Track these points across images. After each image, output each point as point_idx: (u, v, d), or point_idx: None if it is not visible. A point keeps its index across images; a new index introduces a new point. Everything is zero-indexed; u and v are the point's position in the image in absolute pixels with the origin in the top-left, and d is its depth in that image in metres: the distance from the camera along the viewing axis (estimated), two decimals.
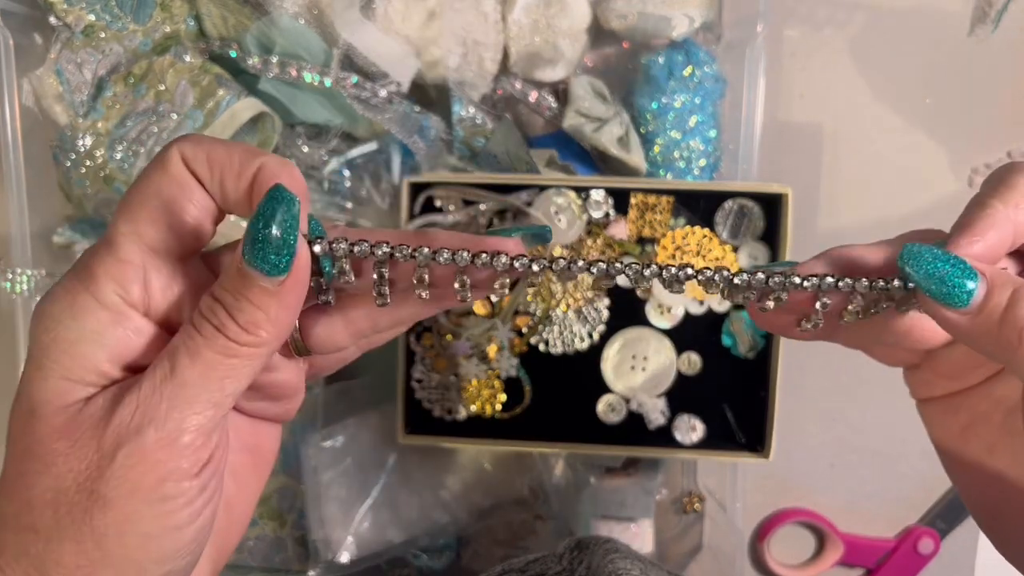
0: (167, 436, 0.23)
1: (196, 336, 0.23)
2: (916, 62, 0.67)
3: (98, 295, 0.24)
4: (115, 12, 0.61)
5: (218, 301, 0.24)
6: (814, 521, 0.70)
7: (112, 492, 0.23)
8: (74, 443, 0.23)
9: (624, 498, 0.67)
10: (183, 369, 0.23)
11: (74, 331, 0.24)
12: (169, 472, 0.23)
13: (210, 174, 0.25)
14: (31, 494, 0.23)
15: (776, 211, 0.60)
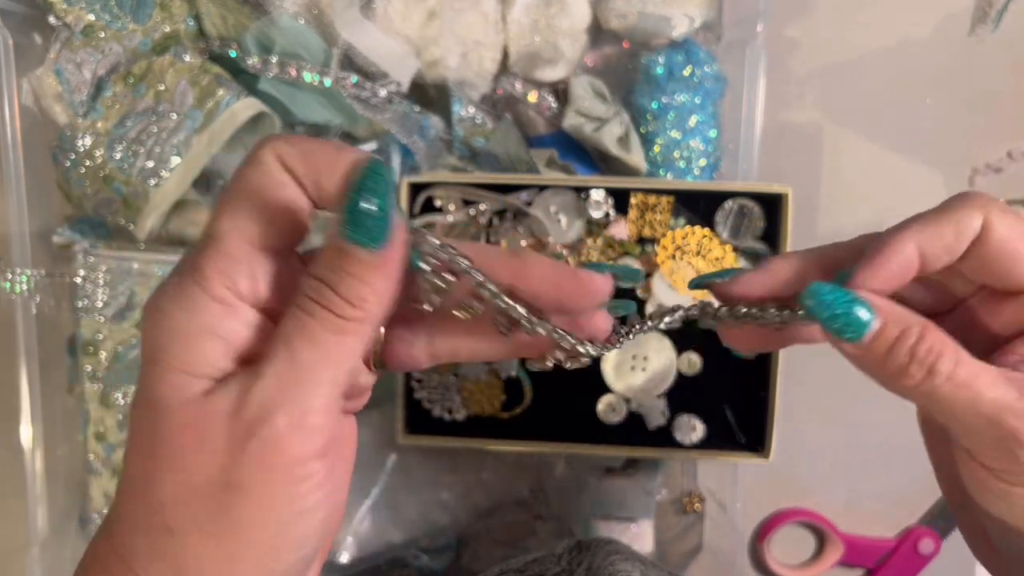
0: (296, 420, 0.23)
1: (306, 318, 0.24)
2: (916, 62, 0.67)
3: (208, 289, 0.24)
4: (115, 12, 0.61)
5: (320, 280, 0.24)
6: (814, 521, 0.70)
7: (248, 480, 0.23)
8: (202, 437, 0.23)
9: (624, 498, 0.67)
10: (300, 353, 0.24)
11: (188, 326, 0.24)
12: (300, 455, 0.24)
13: (305, 170, 0.25)
14: (162, 493, 0.24)
15: (776, 211, 0.60)
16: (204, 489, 0.23)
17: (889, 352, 0.28)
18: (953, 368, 0.27)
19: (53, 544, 0.62)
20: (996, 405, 0.27)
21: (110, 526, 0.25)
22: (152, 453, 0.24)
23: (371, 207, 0.23)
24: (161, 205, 0.60)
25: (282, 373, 0.24)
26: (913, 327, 0.28)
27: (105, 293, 0.60)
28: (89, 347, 0.61)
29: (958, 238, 0.29)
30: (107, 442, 0.62)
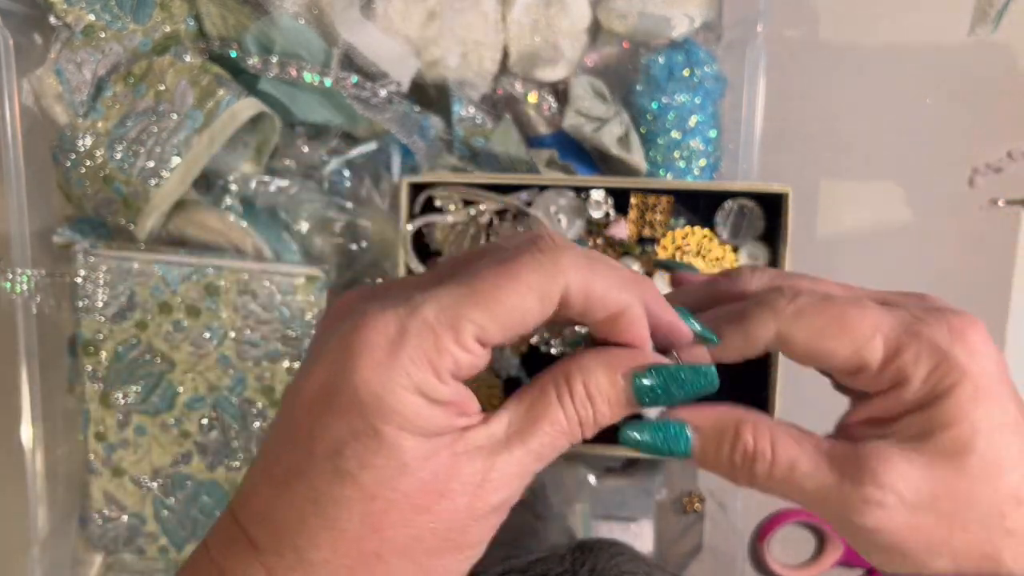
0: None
1: (560, 420, 0.28)
2: (916, 62, 0.67)
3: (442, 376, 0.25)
4: (115, 12, 0.61)
5: (591, 401, 0.28)
6: (814, 521, 0.70)
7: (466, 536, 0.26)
8: (442, 495, 0.25)
9: (624, 498, 0.67)
10: (532, 439, 0.27)
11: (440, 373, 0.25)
12: (501, 502, 0.27)
13: (581, 307, 0.26)
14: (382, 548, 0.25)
15: (776, 211, 0.60)
16: (429, 541, 0.25)
17: (714, 460, 0.30)
18: (768, 467, 0.29)
19: (53, 544, 0.62)
20: (817, 493, 0.28)
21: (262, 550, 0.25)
22: (386, 510, 0.24)
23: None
24: (161, 205, 0.60)
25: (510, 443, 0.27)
26: (726, 433, 0.30)
27: (105, 293, 0.60)
28: (89, 347, 0.61)
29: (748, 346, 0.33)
30: (107, 442, 0.62)
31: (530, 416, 0.27)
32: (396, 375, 0.24)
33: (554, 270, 0.25)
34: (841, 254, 0.69)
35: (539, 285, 0.25)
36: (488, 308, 0.24)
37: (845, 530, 0.28)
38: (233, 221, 0.62)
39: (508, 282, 0.25)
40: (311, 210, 0.64)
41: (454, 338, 0.24)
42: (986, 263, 0.69)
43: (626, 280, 0.27)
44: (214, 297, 0.60)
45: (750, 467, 0.29)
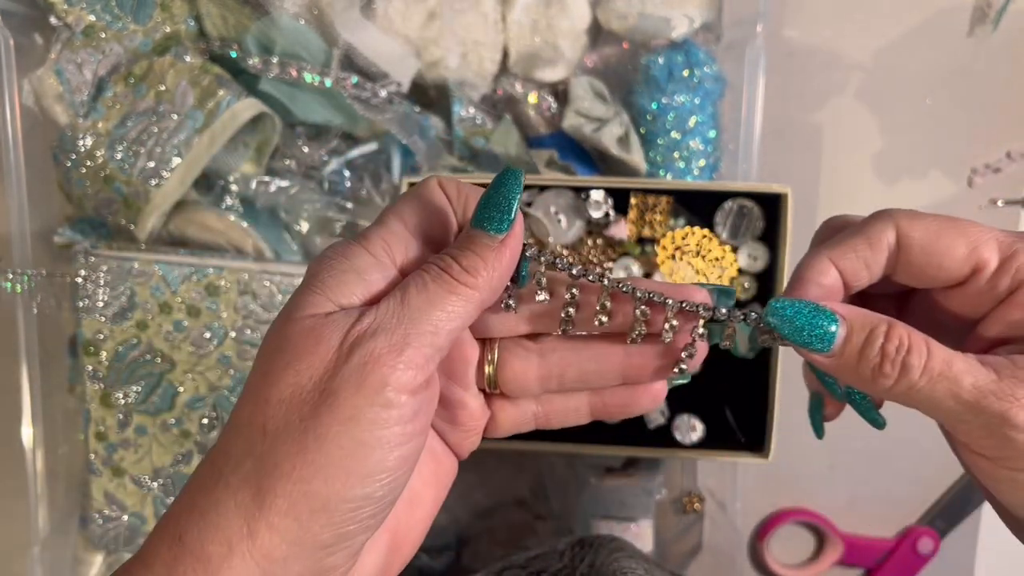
0: (394, 345, 0.26)
1: (424, 275, 0.28)
2: (916, 62, 0.67)
3: (368, 247, 0.29)
4: (115, 12, 0.61)
5: (446, 253, 0.29)
6: (814, 521, 0.70)
7: (341, 388, 0.26)
8: (317, 341, 0.26)
9: (624, 498, 0.67)
10: (411, 297, 0.27)
11: (342, 265, 0.28)
12: (391, 380, 0.26)
13: (456, 195, 0.31)
14: (270, 392, 0.26)
15: (776, 211, 0.60)
16: (307, 391, 0.26)
17: (860, 356, 0.29)
18: (925, 361, 0.28)
19: (54, 544, 0.63)
20: (976, 390, 0.27)
21: (216, 441, 0.27)
22: (275, 353, 0.27)
23: (502, 198, 0.28)
24: (162, 205, 0.60)
25: (393, 308, 0.27)
26: (879, 327, 0.28)
27: (106, 293, 0.60)
28: (90, 347, 0.61)
29: (874, 253, 0.31)
30: (108, 442, 0.62)
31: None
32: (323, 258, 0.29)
33: (428, 179, 0.31)
34: None
35: (419, 186, 0.31)
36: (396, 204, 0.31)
37: (996, 441, 0.28)
38: (233, 221, 0.62)
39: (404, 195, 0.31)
40: (311, 210, 0.64)
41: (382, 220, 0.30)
42: None
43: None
44: (214, 297, 0.61)
45: (905, 360, 0.28)
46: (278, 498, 0.25)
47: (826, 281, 0.31)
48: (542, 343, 0.32)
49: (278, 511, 0.25)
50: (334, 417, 0.25)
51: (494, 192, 0.29)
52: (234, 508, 0.25)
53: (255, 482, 0.25)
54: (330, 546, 0.26)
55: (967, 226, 0.30)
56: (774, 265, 0.60)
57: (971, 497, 0.69)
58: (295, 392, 0.26)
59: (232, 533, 0.25)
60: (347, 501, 0.26)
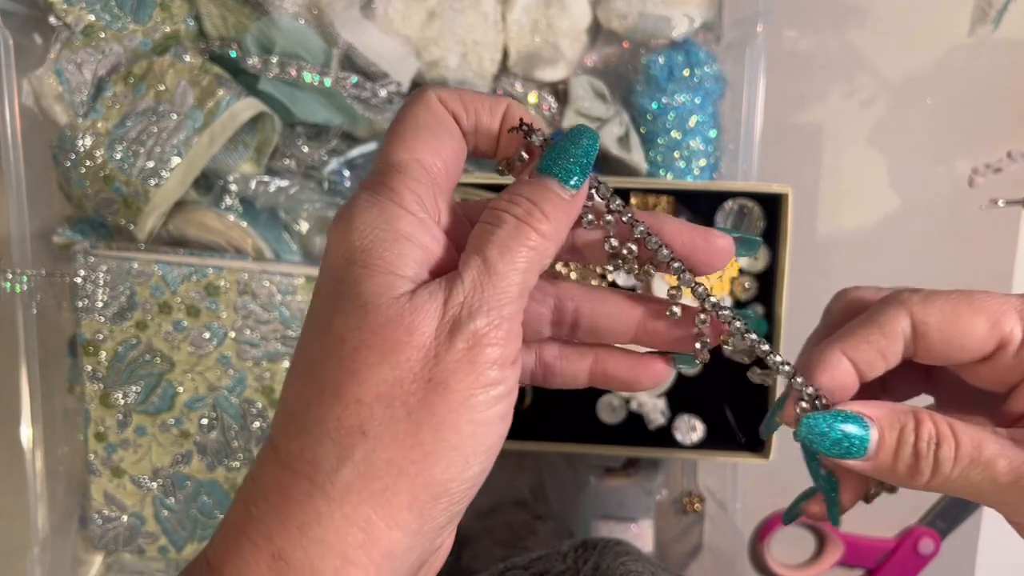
0: (494, 321, 0.25)
1: (498, 230, 0.26)
2: (916, 62, 0.67)
3: (403, 204, 0.26)
4: (115, 12, 0.61)
5: (522, 195, 0.26)
6: (814, 522, 0.70)
7: (451, 376, 0.24)
8: (412, 331, 0.24)
9: (624, 498, 0.67)
10: (494, 262, 0.25)
11: (391, 233, 0.25)
12: (498, 357, 0.25)
13: (465, 113, 0.28)
14: (361, 391, 0.24)
15: (776, 211, 0.60)
16: (407, 384, 0.24)
17: (896, 457, 0.28)
18: (955, 451, 0.27)
19: (53, 544, 0.62)
20: (1012, 472, 0.27)
21: (279, 446, 0.25)
22: (361, 349, 0.24)
23: (580, 154, 0.27)
24: (162, 205, 0.60)
25: (479, 278, 0.25)
26: (908, 423, 0.28)
27: (105, 293, 0.60)
28: (89, 347, 0.61)
29: (888, 342, 0.30)
30: (108, 442, 0.62)
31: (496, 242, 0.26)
32: (354, 215, 0.26)
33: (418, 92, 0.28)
34: (841, 254, 0.69)
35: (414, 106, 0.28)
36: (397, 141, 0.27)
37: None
38: (233, 221, 0.62)
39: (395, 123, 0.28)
40: (311, 210, 0.64)
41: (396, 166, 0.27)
42: (986, 263, 0.69)
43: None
44: (214, 297, 0.60)
45: (935, 454, 0.28)
46: (398, 496, 0.24)
47: (839, 376, 0.31)
48: (560, 287, 0.31)
49: (399, 507, 0.24)
50: (448, 405, 0.24)
51: (572, 146, 0.27)
52: (342, 520, 0.23)
53: (365, 488, 0.23)
54: (445, 526, 0.25)
55: (984, 300, 0.29)
56: (774, 265, 0.60)
57: None
58: (394, 387, 0.24)
59: (346, 546, 0.23)
60: (465, 481, 0.25)
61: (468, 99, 0.28)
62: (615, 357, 0.31)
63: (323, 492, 0.23)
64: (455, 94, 0.28)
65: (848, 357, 0.31)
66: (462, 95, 0.28)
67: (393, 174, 0.26)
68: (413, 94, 0.28)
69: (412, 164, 0.27)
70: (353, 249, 0.25)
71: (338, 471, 0.23)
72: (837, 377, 0.30)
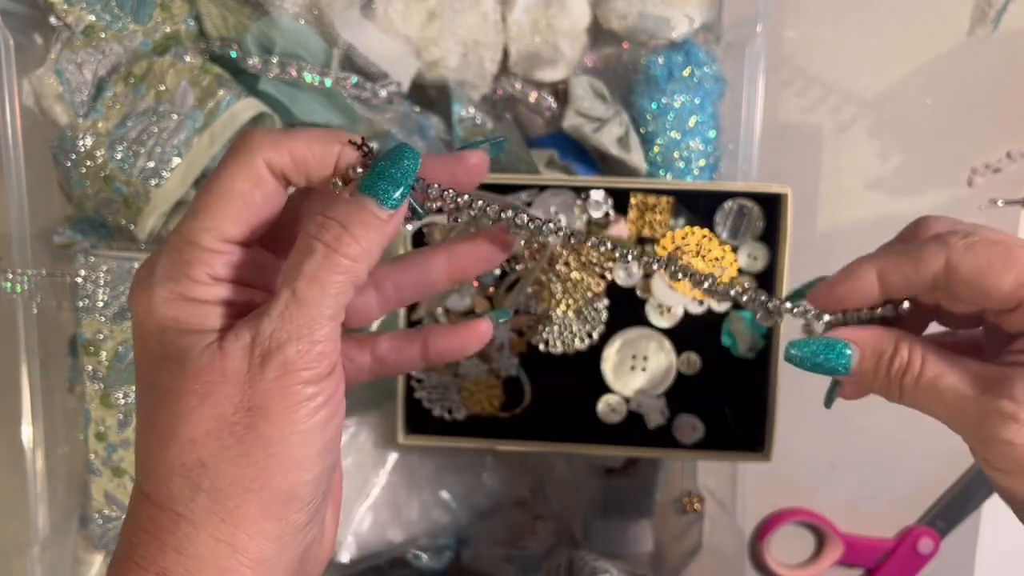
0: (303, 347, 0.27)
1: (308, 260, 0.27)
2: (916, 62, 0.67)
3: (194, 276, 0.28)
4: (115, 12, 0.61)
5: (333, 219, 0.28)
6: (814, 521, 0.70)
7: (268, 401, 0.27)
8: (225, 371, 0.27)
9: (624, 498, 0.67)
10: (303, 292, 0.27)
11: (188, 302, 0.28)
12: (310, 376, 0.27)
13: (295, 170, 0.29)
14: (191, 431, 0.27)
15: (776, 211, 0.60)
16: (232, 416, 0.27)
17: (873, 375, 0.33)
18: (916, 380, 0.32)
19: (54, 543, 0.62)
20: (958, 406, 0.31)
21: (142, 486, 0.28)
22: (178, 399, 0.27)
23: (397, 175, 0.28)
24: (162, 205, 0.60)
25: (286, 310, 0.27)
26: (886, 350, 0.33)
27: (106, 293, 0.60)
28: (90, 347, 0.61)
29: (918, 274, 0.32)
30: (108, 442, 0.62)
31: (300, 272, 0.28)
32: (154, 288, 0.28)
33: (245, 149, 0.28)
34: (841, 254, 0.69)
35: (235, 169, 0.28)
36: (204, 211, 0.28)
37: (979, 444, 0.31)
38: None
39: (212, 181, 0.28)
40: None
41: (193, 244, 0.28)
42: None
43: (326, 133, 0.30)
44: None
45: (900, 380, 0.32)
46: (251, 509, 0.27)
47: (860, 286, 0.34)
48: (374, 274, 0.33)
49: (255, 518, 0.27)
50: (272, 425, 0.27)
51: (391, 166, 0.28)
52: (209, 539, 0.26)
53: (219, 507, 0.27)
54: (308, 523, 0.28)
55: (1020, 255, 0.31)
56: (774, 265, 0.60)
57: (971, 497, 0.69)
58: (220, 423, 0.27)
59: (220, 559, 0.26)
60: (308, 484, 0.28)
61: (298, 153, 0.29)
62: (439, 333, 0.34)
63: (187, 519, 0.27)
64: (284, 149, 0.28)
65: (878, 273, 0.33)
66: (292, 148, 0.29)
67: (188, 248, 0.28)
68: (235, 147, 0.29)
69: (205, 236, 0.28)
70: (161, 318, 0.28)
71: (194, 499, 0.27)
72: (857, 288, 0.34)
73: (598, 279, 0.61)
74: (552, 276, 0.61)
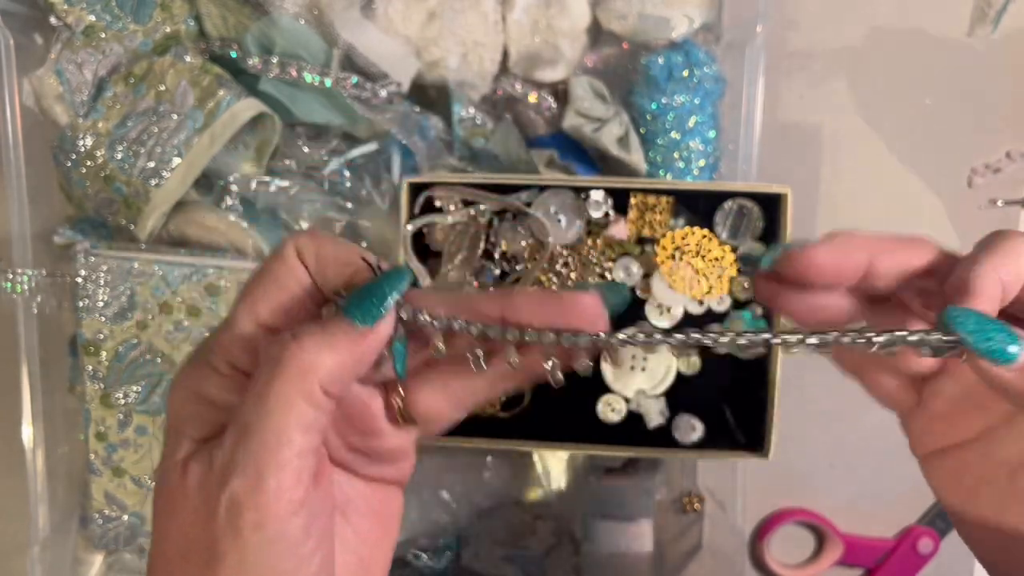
0: (250, 482, 0.24)
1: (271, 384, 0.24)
2: (916, 62, 0.67)
3: (214, 361, 0.27)
4: (115, 12, 0.61)
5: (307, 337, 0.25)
6: (814, 521, 0.70)
7: (220, 542, 0.24)
8: (185, 499, 0.25)
9: (624, 498, 0.67)
10: (246, 416, 0.24)
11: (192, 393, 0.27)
12: (264, 515, 0.24)
13: (315, 264, 0.27)
14: (163, 548, 0.26)
15: (775, 211, 0.60)
16: (196, 547, 0.25)
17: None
18: None
19: (54, 543, 0.63)
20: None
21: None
22: (159, 513, 0.26)
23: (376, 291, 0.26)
24: (162, 205, 0.60)
25: (234, 436, 0.24)
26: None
27: (106, 293, 0.60)
28: (90, 347, 0.61)
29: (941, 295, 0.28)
30: (108, 442, 0.62)
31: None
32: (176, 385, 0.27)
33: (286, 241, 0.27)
34: None
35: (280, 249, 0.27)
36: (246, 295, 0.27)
37: None
38: (233, 221, 0.62)
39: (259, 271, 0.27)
40: (311, 210, 0.64)
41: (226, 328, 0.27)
42: None
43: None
44: (215, 297, 0.61)
45: None
46: None
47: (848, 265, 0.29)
48: (444, 370, 0.29)
49: None
50: (229, 572, 0.24)
51: (374, 283, 0.26)
52: None
53: None
54: None
55: None
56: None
57: None
58: (189, 545, 0.25)
59: None
60: None
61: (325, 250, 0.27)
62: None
63: None
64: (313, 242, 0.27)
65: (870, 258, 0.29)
66: (321, 244, 0.27)
67: (223, 330, 0.27)
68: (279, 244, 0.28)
69: (243, 319, 0.27)
70: (168, 406, 0.27)
71: None
72: (843, 266, 0.29)
73: (598, 279, 0.61)
74: (552, 276, 0.61)
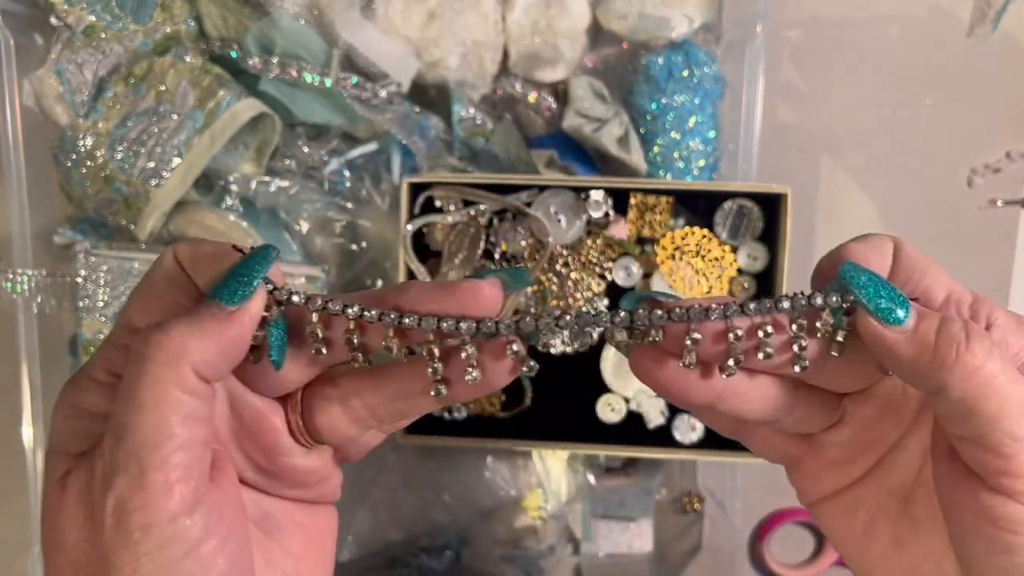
0: (133, 481, 0.23)
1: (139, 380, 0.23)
2: (916, 62, 0.67)
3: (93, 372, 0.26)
4: (115, 12, 0.61)
5: (151, 330, 0.24)
6: (814, 521, 0.70)
7: (112, 553, 0.23)
8: (70, 516, 0.24)
9: (624, 498, 0.67)
10: (120, 413, 0.23)
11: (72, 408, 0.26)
12: (156, 515, 0.23)
13: (193, 266, 0.26)
14: (57, 561, 0.24)
15: (775, 211, 0.60)
16: (85, 557, 0.23)
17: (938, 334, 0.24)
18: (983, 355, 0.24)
19: None
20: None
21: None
22: (44, 529, 0.25)
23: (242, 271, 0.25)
24: (162, 205, 0.60)
25: (114, 438, 0.23)
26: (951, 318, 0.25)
27: (106, 293, 0.60)
28: (90, 347, 0.61)
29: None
30: None
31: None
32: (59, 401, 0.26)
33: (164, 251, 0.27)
34: None
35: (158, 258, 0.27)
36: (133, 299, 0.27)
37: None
38: (234, 221, 0.62)
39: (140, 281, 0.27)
40: (311, 210, 0.64)
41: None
42: (985, 263, 0.69)
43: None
44: None
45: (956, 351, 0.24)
46: None
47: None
48: (342, 385, 0.28)
49: None
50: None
51: (239, 263, 0.25)
52: None
53: None
54: None
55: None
56: (774, 265, 0.60)
57: None
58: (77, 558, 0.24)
59: None
60: None
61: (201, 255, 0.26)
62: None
63: None
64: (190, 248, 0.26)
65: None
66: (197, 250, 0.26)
67: (104, 342, 0.26)
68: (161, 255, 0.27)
69: (118, 330, 0.26)
70: (51, 429, 0.26)
71: None
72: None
73: (598, 279, 0.61)
74: (552, 276, 0.61)
